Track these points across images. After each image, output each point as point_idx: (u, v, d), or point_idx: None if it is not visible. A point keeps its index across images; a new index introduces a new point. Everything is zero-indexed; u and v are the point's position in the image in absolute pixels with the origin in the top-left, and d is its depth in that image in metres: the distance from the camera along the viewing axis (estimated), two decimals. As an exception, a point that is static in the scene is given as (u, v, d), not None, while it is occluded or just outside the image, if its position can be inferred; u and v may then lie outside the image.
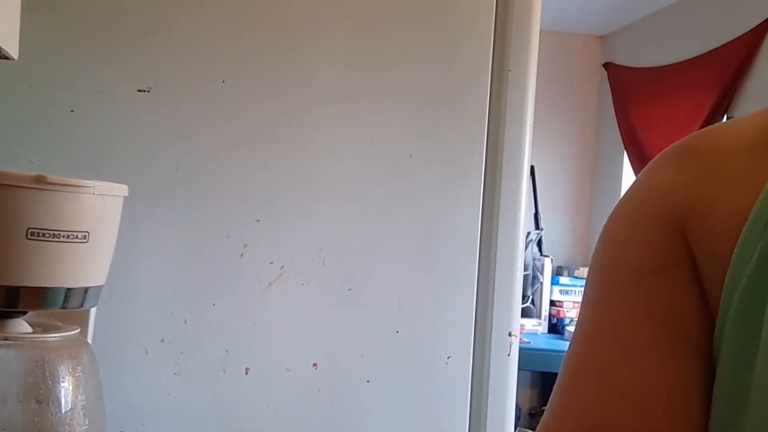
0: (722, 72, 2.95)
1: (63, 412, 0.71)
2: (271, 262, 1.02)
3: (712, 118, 2.95)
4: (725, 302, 0.41)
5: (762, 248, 0.39)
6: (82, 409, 0.71)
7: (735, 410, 0.40)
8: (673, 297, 0.44)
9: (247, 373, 1.01)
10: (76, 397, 0.71)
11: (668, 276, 0.44)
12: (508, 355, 1.07)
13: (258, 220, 1.02)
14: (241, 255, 1.01)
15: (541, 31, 1.10)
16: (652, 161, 0.50)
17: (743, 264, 0.40)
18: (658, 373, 0.43)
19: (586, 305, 0.49)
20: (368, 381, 1.05)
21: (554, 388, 0.48)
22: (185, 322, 0.99)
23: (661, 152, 0.50)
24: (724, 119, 2.92)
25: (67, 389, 0.71)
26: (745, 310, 0.40)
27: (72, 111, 0.96)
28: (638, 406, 0.42)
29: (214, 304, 1.00)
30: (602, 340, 0.46)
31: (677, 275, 0.44)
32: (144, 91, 0.98)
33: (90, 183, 0.73)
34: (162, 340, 0.98)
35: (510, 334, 1.08)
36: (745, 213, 0.41)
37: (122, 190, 0.79)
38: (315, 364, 1.04)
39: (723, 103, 2.93)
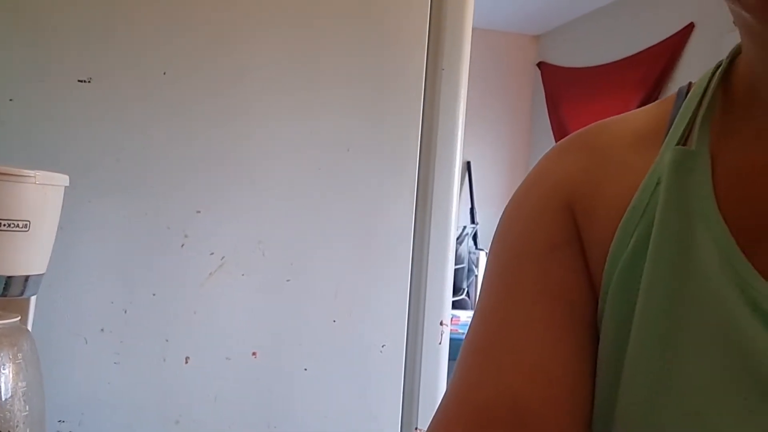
0: (648, 73, 3.08)
1: (3, 399, 0.71)
2: (212, 253, 1.04)
3: (638, 118, 3.07)
4: (605, 283, 0.45)
5: (638, 235, 0.43)
6: (23, 395, 0.72)
7: (612, 383, 0.44)
8: (567, 274, 0.47)
9: (187, 363, 1.03)
10: (17, 384, 0.72)
11: (563, 254, 0.47)
12: (440, 343, 1.12)
13: (198, 212, 1.03)
14: (182, 245, 1.02)
15: (478, 30, 1.15)
16: (550, 150, 0.54)
17: (621, 249, 0.43)
18: (556, 347, 0.45)
19: (488, 282, 0.51)
20: (306, 369, 1.08)
21: (456, 363, 0.50)
22: (125, 311, 1.00)
23: (559, 142, 0.54)
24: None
25: (7, 376, 0.71)
26: (621, 291, 0.43)
27: (11, 100, 0.95)
28: (538, 379, 0.44)
29: (154, 294, 1.01)
30: (503, 316, 0.48)
31: (570, 255, 0.47)
32: (84, 81, 0.98)
33: (31, 173, 0.73)
34: (102, 330, 0.99)
35: (441, 323, 1.12)
36: (626, 202, 0.44)
37: (63, 180, 0.80)
38: (254, 353, 1.06)
39: (648, 103, 3.05)
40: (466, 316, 3.57)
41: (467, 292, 3.67)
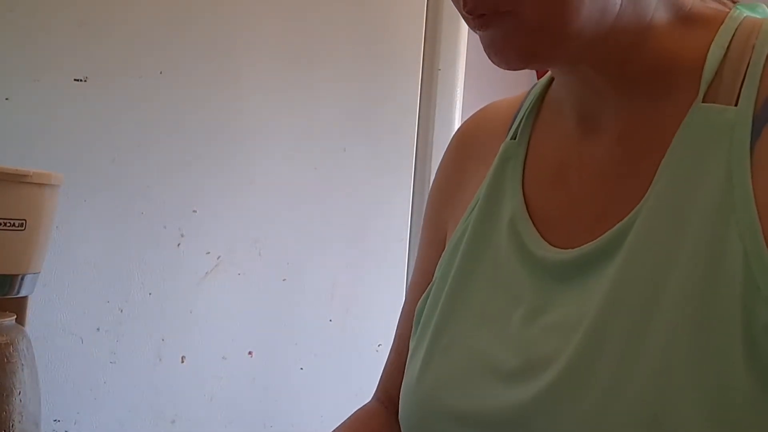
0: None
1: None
2: (208, 252, 1.04)
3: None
4: (437, 272, 0.50)
5: (467, 228, 0.49)
6: (19, 394, 0.72)
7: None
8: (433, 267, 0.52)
9: (183, 362, 1.03)
10: (13, 383, 0.72)
11: (438, 249, 0.53)
12: (437, 342, 1.12)
13: (195, 211, 1.03)
14: (178, 245, 1.03)
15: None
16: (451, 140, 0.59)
17: (453, 240, 0.50)
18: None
19: None
20: (302, 368, 1.09)
21: None
22: (121, 311, 1.00)
23: (455, 133, 0.59)
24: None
25: (3, 375, 0.71)
26: (448, 256, 0.49)
27: (7, 99, 0.95)
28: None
29: (150, 293, 1.01)
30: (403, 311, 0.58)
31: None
32: (80, 80, 0.98)
33: (28, 171, 0.73)
34: (98, 329, 0.99)
35: (438, 322, 1.12)
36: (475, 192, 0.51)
37: (58, 179, 0.80)
38: (250, 353, 1.06)
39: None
40: (461, 316, 3.57)
41: (462, 292, 3.67)
